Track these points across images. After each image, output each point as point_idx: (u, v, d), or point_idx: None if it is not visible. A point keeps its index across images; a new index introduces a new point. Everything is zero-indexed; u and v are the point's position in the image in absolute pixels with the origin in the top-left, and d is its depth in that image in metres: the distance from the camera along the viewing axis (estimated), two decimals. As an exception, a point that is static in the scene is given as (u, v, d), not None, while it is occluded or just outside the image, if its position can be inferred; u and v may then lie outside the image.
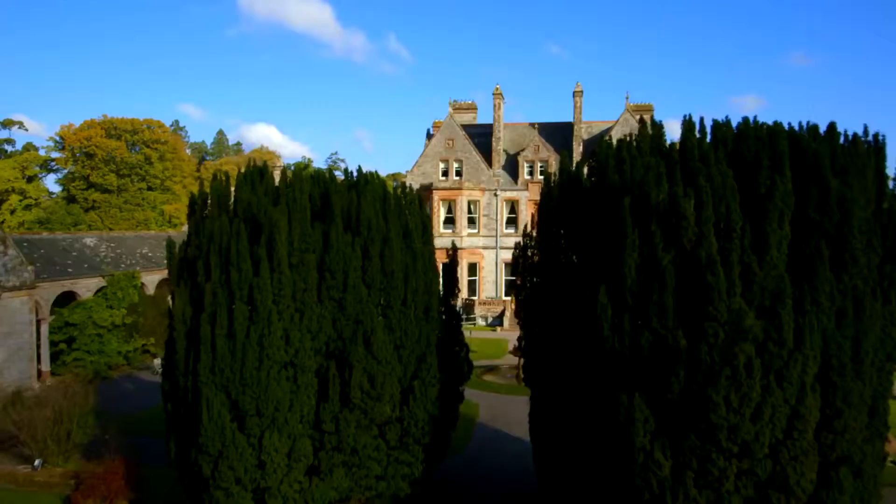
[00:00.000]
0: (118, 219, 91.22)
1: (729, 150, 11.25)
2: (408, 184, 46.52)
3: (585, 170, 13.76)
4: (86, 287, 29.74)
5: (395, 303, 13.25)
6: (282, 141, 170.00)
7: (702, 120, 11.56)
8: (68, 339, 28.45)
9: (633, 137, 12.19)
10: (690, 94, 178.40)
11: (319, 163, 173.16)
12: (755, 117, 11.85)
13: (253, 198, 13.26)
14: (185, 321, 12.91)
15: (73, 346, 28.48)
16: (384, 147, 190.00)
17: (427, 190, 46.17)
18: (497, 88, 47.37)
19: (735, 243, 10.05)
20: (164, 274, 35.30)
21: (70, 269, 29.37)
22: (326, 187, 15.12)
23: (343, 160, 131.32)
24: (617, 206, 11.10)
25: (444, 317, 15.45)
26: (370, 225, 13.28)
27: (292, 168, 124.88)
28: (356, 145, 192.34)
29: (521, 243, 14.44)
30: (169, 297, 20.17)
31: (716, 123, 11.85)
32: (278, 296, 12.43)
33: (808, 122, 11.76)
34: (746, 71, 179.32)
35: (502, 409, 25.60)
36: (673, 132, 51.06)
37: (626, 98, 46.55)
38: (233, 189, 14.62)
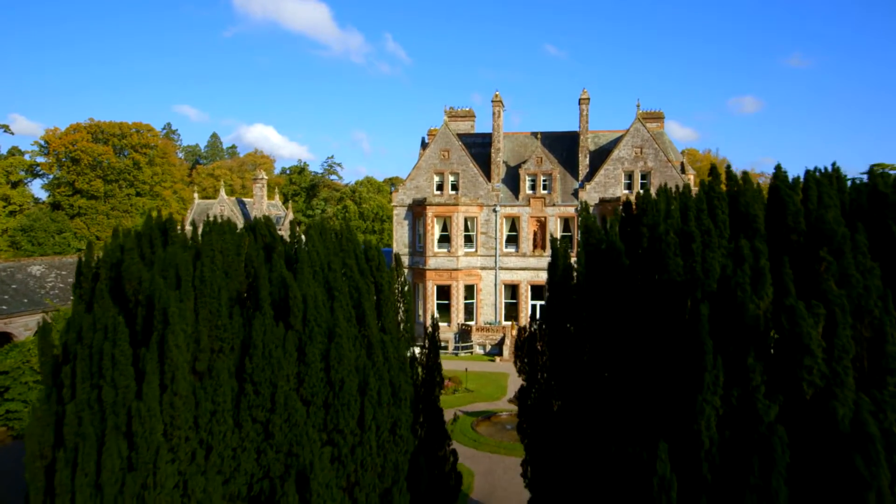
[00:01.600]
0: (105, 226, 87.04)
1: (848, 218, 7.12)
2: (398, 199, 42.25)
3: (618, 225, 9.70)
4: (24, 326, 25.59)
5: (347, 424, 9.12)
6: (280, 141, 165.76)
7: (809, 175, 7.43)
8: (1, 390, 24.35)
9: (702, 194, 8.06)
10: (687, 95, 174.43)
11: (317, 165, 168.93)
12: (877, 168, 7.73)
13: (144, 273, 9.14)
14: (42, 453, 8.82)
15: (6, 397, 24.38)
16: (382, 149, 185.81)
17: (420, 205, 42.01)
18: (496, 95, 43.14)
19: (889, 391, 5.96)
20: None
21: (5, 307, 25.23)
22: (264, 244, 11.08)
23: (340, 165, 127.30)
24: (681, 308, 7.02)
25: (421, 418, 11.37)
26: (306, 315, 9.16)
27: (287, 172, 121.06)
28: (355, 147, 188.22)
29: (526, 331, 10.30)
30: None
31: (812, 177, 7.70)
32: (172, 426, 8.31)
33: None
34: (744, 72, 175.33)
35: (501, 480, 21.47)
36: (670, 131, 46.87)
37: (637, 106, 42.32)
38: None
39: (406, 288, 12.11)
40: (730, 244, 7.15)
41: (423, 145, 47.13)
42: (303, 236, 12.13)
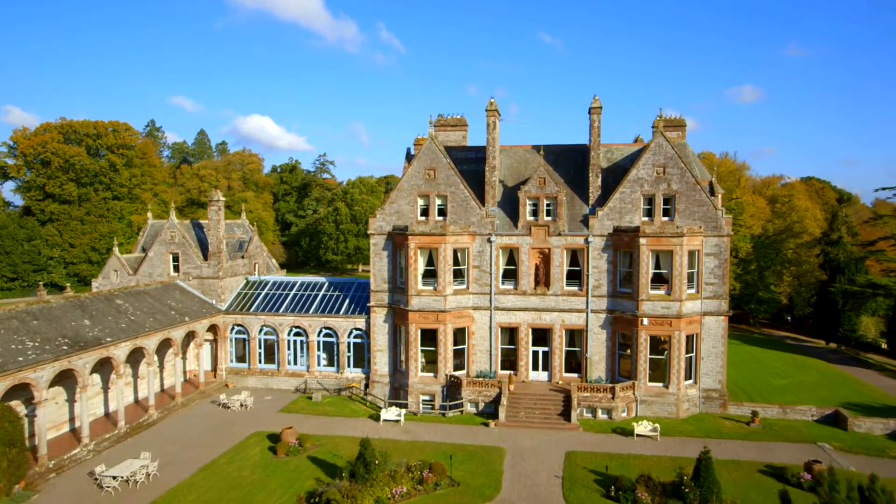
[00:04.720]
0: (79, 232, 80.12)
1: None
2: (376, 226, 34.95)
3: None
4: None
5: None
6: (278, 132, 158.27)
7: None
8: None
9: None
10: (685, 85, 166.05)
11: (313, 158, 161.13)
12: None
13: None
14: None
15: None
16: (381, 140, 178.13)
17: (402, 234, 34.78)
18: (491, 103, 35.66)
19: None
20: (18, 378, 24.40)
21: None
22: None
23: (332, 162, 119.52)
24: None
25: None
26: None
27: (278, 170, 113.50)
28: (353, 138, 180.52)
29: None
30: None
31: None
32: None
33: None
34: (742, 62, 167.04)
35: None
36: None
37: (659, 116, 34.78)
38: None
39: None
40: None
41: (408, 158, 39.87)
42: None
